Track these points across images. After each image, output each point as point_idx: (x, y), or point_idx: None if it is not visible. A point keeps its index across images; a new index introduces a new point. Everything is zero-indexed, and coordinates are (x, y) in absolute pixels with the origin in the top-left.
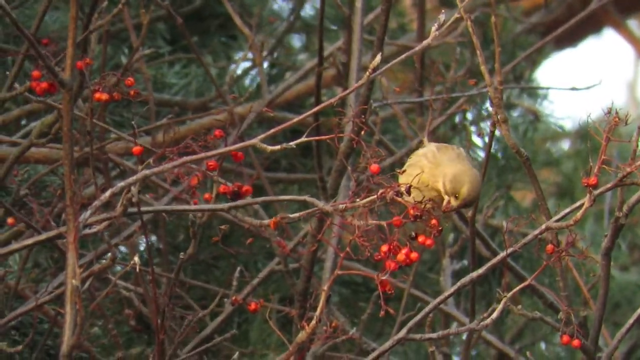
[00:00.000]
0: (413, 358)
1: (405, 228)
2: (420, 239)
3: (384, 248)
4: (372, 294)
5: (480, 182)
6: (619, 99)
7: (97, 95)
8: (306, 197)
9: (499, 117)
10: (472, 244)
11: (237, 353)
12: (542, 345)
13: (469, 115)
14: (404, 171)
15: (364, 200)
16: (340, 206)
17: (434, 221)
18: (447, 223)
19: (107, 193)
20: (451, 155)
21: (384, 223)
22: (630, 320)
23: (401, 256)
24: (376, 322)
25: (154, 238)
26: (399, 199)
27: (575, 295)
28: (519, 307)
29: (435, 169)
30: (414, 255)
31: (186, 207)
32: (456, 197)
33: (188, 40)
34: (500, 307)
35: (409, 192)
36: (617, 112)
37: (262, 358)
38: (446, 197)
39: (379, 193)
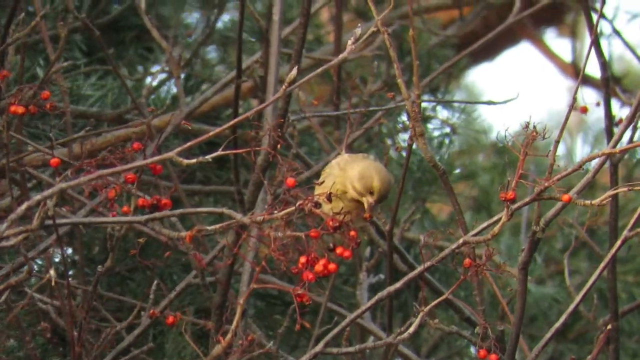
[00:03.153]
0: None
1: (323, 240)
2: (338, 250)
3: (302, 259)
4: (289, 307)
5: (387, 173)
6: (536, 110)
7: (13, 108)
8: (224, 209)
9: (416, 130)
10: (389, 258)
11: None
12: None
13: (384, 128)
14: (321, 182)
15: (282, 212)
16: (258, 218)
17: (352, 233)
18: (364, 236)
19: (24, 206)
20: (358, 160)
21: (302, 235)
22: (548, 335)
23: (319, 267)
24: (292, 335)
25: (69, 251)
26: (317, 211)
27: (492, 309)
28: (436, 320)
29: (343, 176)
30: (332, 266)
31: (103, 219)
32: (371, 193)
33: (104, 51)
34: (417, 321)
35: (330, 200)
36: (534, 127)
37: None
38: (363, 199)
39: (297, 204)
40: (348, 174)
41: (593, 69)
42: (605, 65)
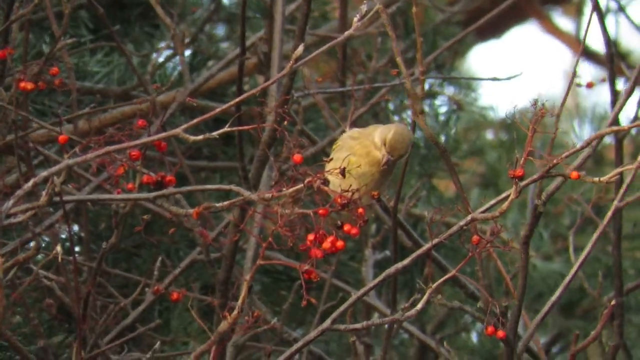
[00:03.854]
0: (335, 348)
1: (331, 217)
2: (346, 227)
3: (311, 236)
4: (294, 283)
5: (409, 132)
6: (544, 88)
7: (22, 84)
8: (232, 187)
9: (416, 108)
10: (394, 234)
11: (158, 342)
12: (464, 336)
13: (391, 105)
14: (331, 159)
15: (291, 189)
16: (266, 195)
17: (360, 210)
18: (371, 213)
19: (30, 182)
20: (375, 127)
21: (310, 212)
22: (546, 308)
23: (327, 244)
24: (298, 311)
25: (76, 227)
26: (325, 188)
27: (497, 285)
28: (439, 297)
29: (365, 140)
30: (339, 243)
31: (111, 196)
32: (384, 145)
33: (110, 29)
34: (425, 298)
35: (343, 175)
36: (543, 104)
37: (184, 347)
38: (379, 154)
39: (306, 181)
40: (372, 134)
41: (600, 47)
42: (609, 42)
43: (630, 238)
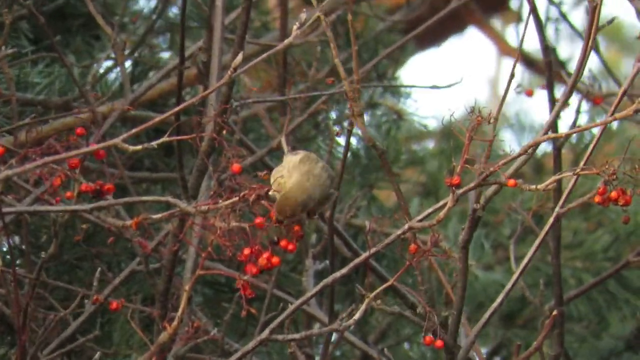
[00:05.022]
0: (276, 359)
1: (269, 231)
2: (283, 243)
3: (246, 251)
4: (235, 294)
5: (314, 177)
6: (482, 96)
7: None
8: (169, 198)
9: (354, 110)
10: (331, 243)
11: (98, 353)
12: (407, 346)
13: (333, 115)
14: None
15: (227, 202)
16: (203, 207)
17: (296, 227)
18: (311, 226)
19: None
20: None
21: (246, 225)
22: (487, 314)
23: (262, 260)
24: (239, 322)
25: (16, 239)
26: (262, 202)
27: (438, 296)
28: (379, 302)
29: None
30: (275, 259)
31: (49, 207)
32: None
33: (51, 39)
34: (363, 307)
35: (281, 223)
36: (479, 111)
37: (125, 359)
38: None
39: (241, 195)
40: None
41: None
42: (547, 49)
43: (570, 247)
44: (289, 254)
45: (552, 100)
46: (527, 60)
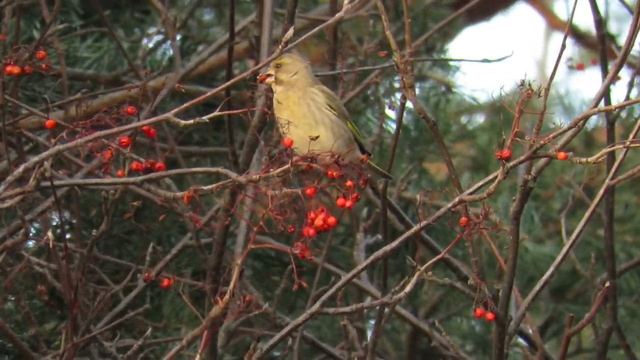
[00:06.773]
0: (326, 332)
1: (321, 196)
2: (340, 201)
3: (312, 215)
4: (286, 267)
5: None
6: (530, 73)
7: (8, 68)
8: (220, 169)
9: (405, 82)
10: (383, 217)
11: (150, 328)
12: (456, 320)
13: (381, 88)
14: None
15: (278, 170)
16: (254, 177)
17: (349, 183)
18: (363, 196)
19: (20, 168)
20: None
21: (298, 191)
22: (537, 287)
23: (319, 221)
24: (289, 296)
25: (67, 214)
26: (314, 165)
27: (490, 269)
28: (429, 273)
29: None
30: (331, 220)
31: (99, 180)
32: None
33: (100, 14)
34: (414, 279)
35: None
36: (529, 85)
37: (176, 332)
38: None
39: (292, 161)
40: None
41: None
42: (600, 22)
43: (621, 221)
44: (342, 222)
45: (606, 72)
46: (576, 34)
